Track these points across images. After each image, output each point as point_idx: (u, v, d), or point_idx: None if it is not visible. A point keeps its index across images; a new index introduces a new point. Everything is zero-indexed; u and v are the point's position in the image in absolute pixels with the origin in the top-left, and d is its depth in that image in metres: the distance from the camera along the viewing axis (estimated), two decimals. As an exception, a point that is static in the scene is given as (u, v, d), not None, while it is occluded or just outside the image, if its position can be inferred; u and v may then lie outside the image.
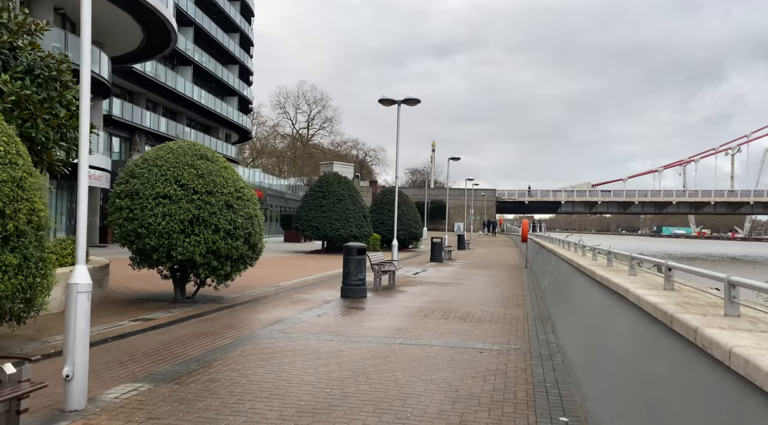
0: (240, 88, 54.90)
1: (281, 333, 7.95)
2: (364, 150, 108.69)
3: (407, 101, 15.56)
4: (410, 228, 33.88)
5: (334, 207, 27.78)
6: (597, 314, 6.02)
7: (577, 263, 8.46)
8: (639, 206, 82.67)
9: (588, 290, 7.03)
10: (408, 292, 13.18)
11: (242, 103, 58.07)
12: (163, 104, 42.76)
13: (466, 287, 14.41)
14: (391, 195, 34.77)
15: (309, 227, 27.72)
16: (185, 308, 10.08)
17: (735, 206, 78.92)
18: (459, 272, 19.46)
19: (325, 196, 28.13)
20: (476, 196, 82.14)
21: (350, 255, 11.89)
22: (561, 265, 11.41)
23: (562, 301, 9.23)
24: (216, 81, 49.36)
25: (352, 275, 11.85)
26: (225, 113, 50.30)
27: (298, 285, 14.11)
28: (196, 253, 9.83)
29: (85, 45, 4.97)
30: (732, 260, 61.91)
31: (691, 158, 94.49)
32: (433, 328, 8.53)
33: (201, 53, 45.29)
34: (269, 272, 17.43)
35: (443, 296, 12.45)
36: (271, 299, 11.43)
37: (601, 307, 5.87)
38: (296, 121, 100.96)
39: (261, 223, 11.33)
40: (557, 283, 11.20)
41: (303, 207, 28.56)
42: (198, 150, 10.73)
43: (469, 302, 11.53)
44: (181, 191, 10.01)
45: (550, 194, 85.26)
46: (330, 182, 28.69)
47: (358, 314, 9.78)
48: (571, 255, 10.30)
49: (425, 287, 14.22)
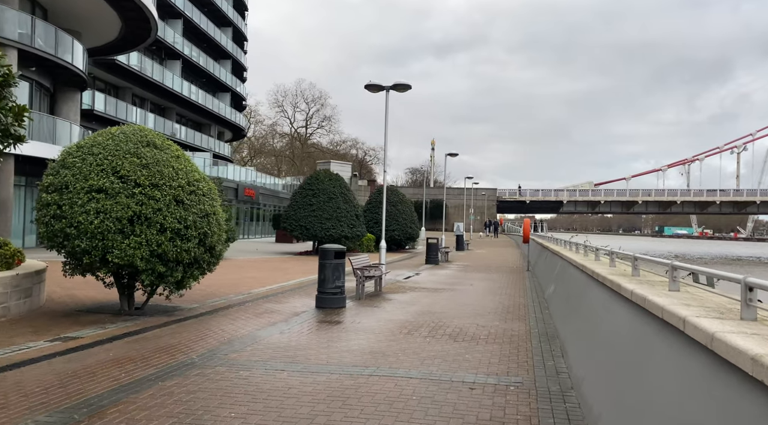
0: (233, 85, 53.36)
1: (224, 359, 6.38)
2: (363, 149, 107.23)
3: (397, 87, 14.01)
4: (406, 228, 32.33)
5: (325, 206, 26.21)
6: (629, 342, 4.44)
7: (592, 270, 6.89)
8: (642, 206, 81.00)
9: (610, 306, 5.46)
10: (394, 301, 11.61)
11: (236, 100, 56.55)
12: (151, 100, 41.23)
13: (461, 295, 12.84)
14: (387, 194, 33.22)
15: (297, 227, 26.15)
16: (126, 322, 8.52)
17: (741, 205, 77.24)
18: (455, 275, 17.89)
19: (314, 194, 26.56)
20: (476, 195, 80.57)
21: (326, 259, 10.33)
22: (568, 270, 9.83)
23: (573, 315, 7.65)
24: (207, 76, 47.81)
25: (328, 282, 10.28)
26: (217, 110, 48.75)
27: (273, 292, 12.54)
28: (137, 257, 8.27)
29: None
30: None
31: (696, 156, 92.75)
32: (415, 351, 6.95)
33: (191, 47, 43.75)
34: (246, 276, 15.87)
35: (434, 306, 10.88)
36: (234, 311, 9.87)
37: (635, 335, 4.29)
38: (294, 119, 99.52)
39: (221, 222, 9.78)
40: (565, 292, 9.62)
41: (291, 206, 26.99)
42: (145, 136, 9.16)
43: (463, 314, 9.96)
44: (120, 183, 8.44)
45: (552, 194, 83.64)
46: (320, 179, 27.12)
47: (328, 331, 8.21)
48: (581, 260, 8.72)
49: (415, 295, 12.65)
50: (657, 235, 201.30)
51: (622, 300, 4.91)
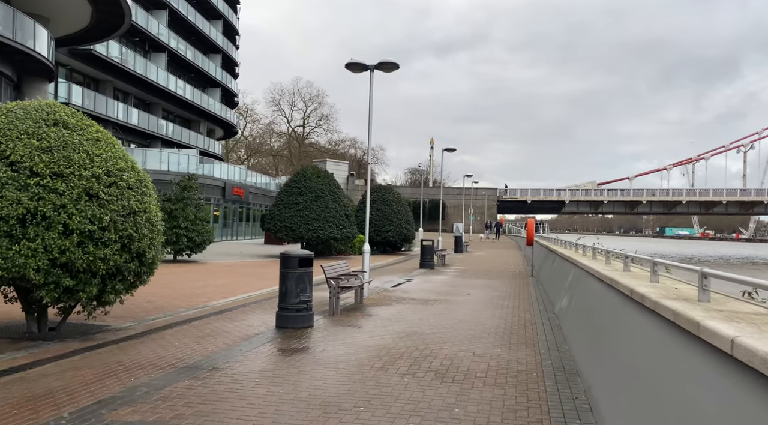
0: (224, 80, 51.45)
1: (103, 420, 4.45)
2: (362, 149, 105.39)
3: (382, 66, 12.10)
4: (401, 229, 30.38)
5: (312, 205, 24.30)
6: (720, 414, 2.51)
7: (630, 288, 4.97)
8: (647, 206, 79.01)
9: (674, 347, 3.54)
10: (375, 317, 9.68)
11: (227, 97, 54.64)
12: (134, 94, 39.32)
13: (456, 308, 10.91)
14: (380, 192, 31.30)
15: (282, 228, 24.23)
16: (20, 352, 6.60)
17: (748, 205, 75.24)
18: (451, 282, 15.96)
19: (301, 192, 24.65)
20: (476, 195, 78.67)
21: (288, 267, 8.41)
22: (587, 283, 7.91)
23: (602, 349, 5.72)
24: (196, 71, 45.90)
25: (290, 295, 8.36)
26: (206, 106, 46.83)
27: (233, 305, 10.62)
28: (30, 267, 6.35)
29: None
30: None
31: (701, 155, 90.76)
32: (384, 400, 5.03)
33: (177, 40, 41.83)
34: (214, 283, 13.96)
35: (421, 324, 8.95)
36: (172, 333, 7.94)
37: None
38: (292, 118, 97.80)
39: (156, 222, 7.85)
40: (583, 310, 7.69)
41: (276, 205, 25.07)
42: (52, 113, 7.23)
43: (456, 337, 8.03)
44: (9, 172, 6.53)
45: (554, 194, 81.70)
46: (308, 176, 25.20)
47: (277, 366, 6.28)
48: (608, 271, 6.79)
49: (402, 308, 10.72)
50: (658, 236, 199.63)
51: (713, 354, 2.99)
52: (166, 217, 20.08)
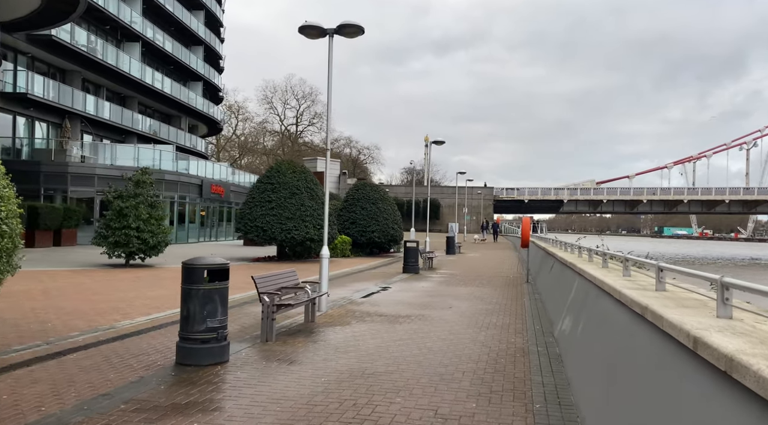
0: (207, 74, 49.15)
1: None
2: (357, 148, 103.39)
3: (344, 30, 9.88)
4: (387, 229, 28.13)
5: (286, 203, 22.07)
6: None
7: (694, 335, 2.75)
8: (647, 206, 76.89)
9: None
10: (321, 344, 7.46)
11: (211, 92, 52.35)
12: (107, 86, 37.01)
13: (430, 328, 8.70)
14: (365, 190, 29.06)
15: (253, 229, 22.00)
16: None
17: (751, 204, 73.17)
18: (433, 291, 13.74)
19: (274, 189, 22.41)
20: (472, 194, 76.55)
21: (193, 282, 6.18)
22: (600, 304, 5.70)
23: (629, 412, 3.49)
24: (175, 63, 43.57)
25: (194, 321, 6.14)
26: (186, 100, 44.55)
27: (150, 325, 8.39)
28: None
29: None
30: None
31: (702, 153, 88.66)
32: None
33: (154, 29, 39.53)
34: (146, 295, 11.71)
35: (377, 357, 6.74)
36: (21, 375, 5.71)
37: None
38: (284, 117, 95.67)
39: (13, 224, 5.63)
40: (598, 346, 5.46)
41: (247, 203, 22.84)
42: None
43: (418, 380, 5.82)
44: None
45: (552, 193, 79.58)
46: (282, 171, 22.96)
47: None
48: (632, 291, 4.56)
49: (361, 329, 8.50)
50: (656, 235, 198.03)
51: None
52: (114, 216, 17.88)
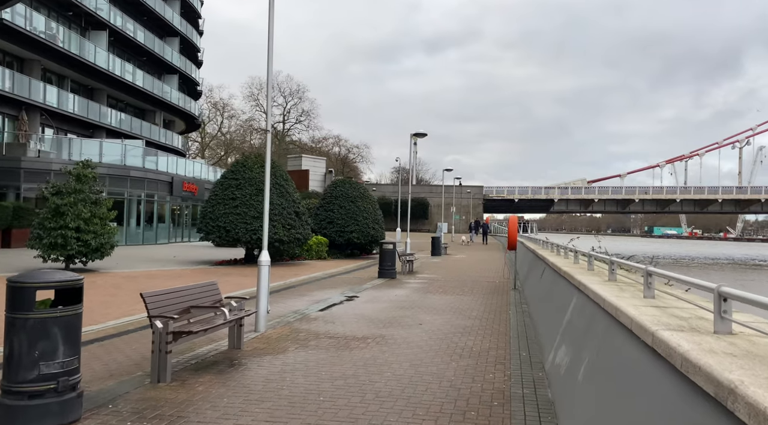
0: (184, 67, 46.99)
1: None
2: (347, 147, 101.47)
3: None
4: (367, 229, 26.20)
5: (252, 200, 20.09)
6: None
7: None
8: (639, 205, 75.55)
9: None
10: (235, 386, 5.54)
11: (189, 86, 50.20)
12: (72, 77, 34.81)
13: (388, 357, 6.80)
14: (344, 187, 27.12)
15: (215, 229, 20.01)
16: None
17: (744, 203, 72.03)
18: (405, 301, 11.85)
19: (239, 185, 20.43)
20: (462, 193, 74.88)
21: (17, 309, 4.24)
22: (615, 341, 3.82)
23: None
24: (148, 55, 41.38)
25: (20, 365, 4.20)
26: (161, 94, 42.39)
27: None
28: None
29: None
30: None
31: (694, 152, 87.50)
32: None
33: (123, 18, 37.36)
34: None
35: (300, 410, 4.83)
36: None
37: None
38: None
39: None
40: (614, 399, 3.56)
41: (209, 201, 20.83)
42: None
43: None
44: None
45: (543, 192, 78.08)
46: (248, 166, 20.98)
47: None
48: (684, 342, 2.69)
49: (299, 359, 6.60)
50: (646, 235, 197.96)
51: None
52: (50, 215, 15.85)
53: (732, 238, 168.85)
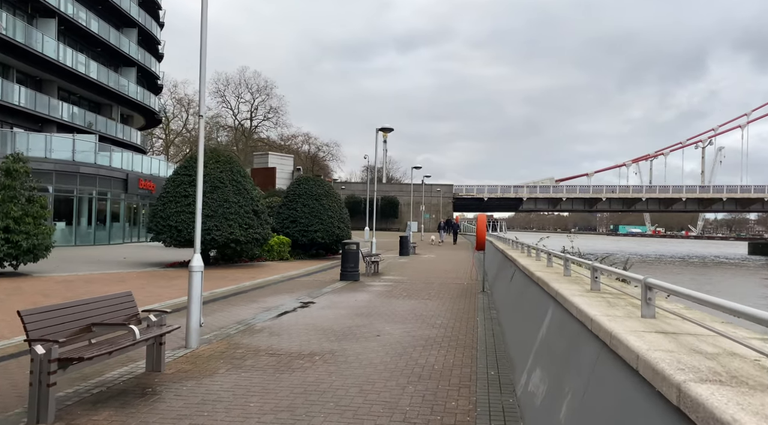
0: (143, 59, 44.97)
1: None
2: (316, 145, 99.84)
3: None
4: (332, 229, 25.08)
5: (206, 198, 18.80)
6: None
7: None
8: (606, 203, 76.20)
9: None
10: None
11: (148, 80, 48.14)
12: (17, 68, 32.69)
13: (333, 380, 5.80)
14: (308, 184, 25.92)
15: (166, 228, 18.68)
16: None
17: (707, 202, 73.34)
18: (366, 307, 10.86)
19: (192, 182, 19.10)
20: (431, 192, 74.30)
21: None
22: (609, 374, 2.89)
23: None
24: (103, 46, 39.34)
25: None
26: (117, 87, 40.39)
27: None
28: None
29: None
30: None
31: (659, 152, 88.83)
32: None
33: (75, 5, 35.35)
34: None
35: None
36: None
37: None
38: (238, 111, 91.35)
39: None
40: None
41: (160, 199, 19.47)
42: None
43: None
44: None
45: (512, 191, 78.09)
46: (203, 161, 19.63)
47: None
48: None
49: (228, 384, 5.54)
50: (612, 233, 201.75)
51: None
52: (-26, 214, 14.32)
53: (693, 236, 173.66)
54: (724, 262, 63.34)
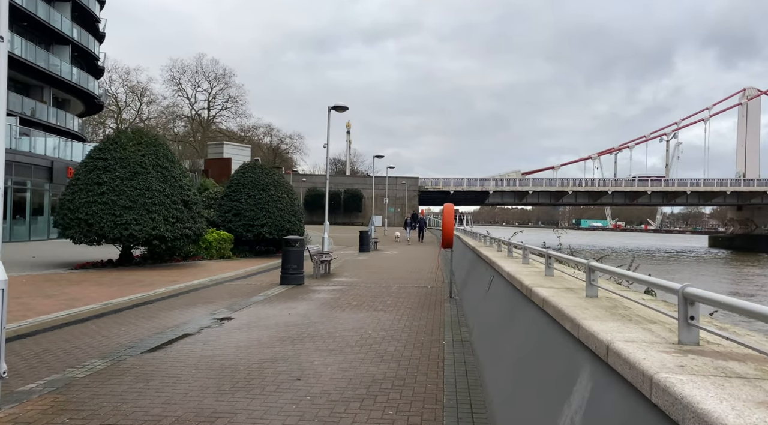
0: (79, 38, 40.94)
1: None
2: (279, 136, 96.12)
3: None
4: (282, 223, 22.25)
5: (122, 186, 15.81)
6: None
7: None
8: (572, 197, 75.33)
9: None
10: None
11: (88, 62, 44.05)
12: None
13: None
14: (254, 173, 22.99)
15: (74, 222, 15.61)
16: None
17: (671, 195, 73.22)
18: (299, 326, 8.21)
19: (107, 167, 16.07)
20: (396, 185, 71.98)
21: None
22: None
23: None
24: (30, 19, 35.32)
25: None
26: (47, 66, 36.43)
27: None
28: None
29: None
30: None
31: (624, 145, 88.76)
32: None
33: (-7, -28, 31.28)
34: None
35: None
36: None
37: None
38: (195, 100, 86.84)
39: None
40: None
41: (69, 187, 16.33)
42: None
43: None
44: None
45: (478, 184, 76.48)
46: (120, 143, 16.63)
47: None
48: None
49: None
50: (574, 227, 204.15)
51: None
52: None
53: (652, 229, 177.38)
54: (688, 255, 63.19)
